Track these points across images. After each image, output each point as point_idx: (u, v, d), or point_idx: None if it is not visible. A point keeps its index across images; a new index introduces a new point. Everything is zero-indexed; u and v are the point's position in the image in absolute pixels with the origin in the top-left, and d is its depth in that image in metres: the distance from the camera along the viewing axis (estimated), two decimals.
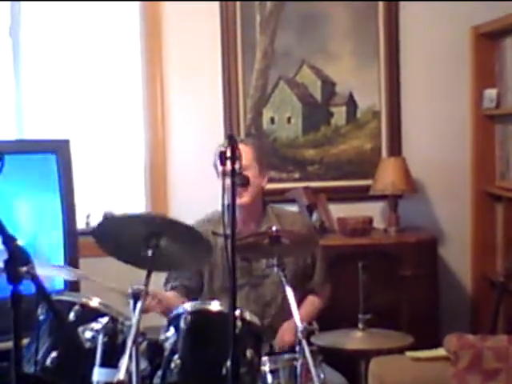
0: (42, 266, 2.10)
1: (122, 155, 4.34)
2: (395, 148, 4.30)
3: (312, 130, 4.31)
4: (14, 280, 1.75)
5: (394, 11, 4.24)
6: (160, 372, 2.56)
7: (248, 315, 2.57)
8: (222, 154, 2.26)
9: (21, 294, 1.75)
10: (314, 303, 3.23)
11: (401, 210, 4.18)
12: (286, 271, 2.68)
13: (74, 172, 3.57)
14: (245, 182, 2.85)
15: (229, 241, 2.22)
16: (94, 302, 2.58)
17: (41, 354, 2.46)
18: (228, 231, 2.23)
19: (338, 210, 4.21)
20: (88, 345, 2.44)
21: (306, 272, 3.21)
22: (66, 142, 3.57)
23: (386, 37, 4.26)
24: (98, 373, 2.39)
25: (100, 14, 4.25)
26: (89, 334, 2.46)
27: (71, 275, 2.94)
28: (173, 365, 2.48)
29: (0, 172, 1.86)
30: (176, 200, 4.24)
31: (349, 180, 4.32)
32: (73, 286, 3.29)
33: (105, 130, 4.31)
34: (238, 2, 4.20)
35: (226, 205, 2.38)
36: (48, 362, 2.45)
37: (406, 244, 3.97)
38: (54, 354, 2.46)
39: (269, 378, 2.56)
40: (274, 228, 2.73)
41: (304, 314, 3.12)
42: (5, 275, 1.75)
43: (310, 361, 2.43)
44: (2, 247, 1.78)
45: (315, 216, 4.05)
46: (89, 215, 4.20)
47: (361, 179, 4.29)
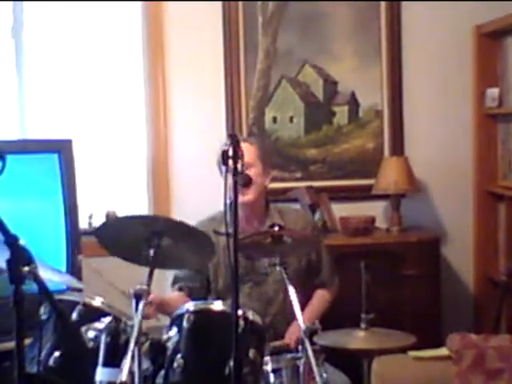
0: (44, 268, 2.09)
1: (124, 155, 4.34)
2: (397, 147, 4.30)
3: (314, 130, 4.31)
4: (16, 280, 1.75)
5: (396, 11, 4.24)
6: (163, 372, 2.56)
7: (251, 315, 2.57)
8: (224, 153, 2.26)
9: (23, 294, 1.75)
10: (324, 296, 3.24)
11: (403, 209, 4.18)
12: (288, 270, 2.68)
13: (77, 172, 3.57)
14: (247, 182, 2.86)
15: (231, 239, 2.21)
16: (97, 302, 2.58)
17: (44, 354, 2.46)
18: (230, 230, 2.23)
19: (341, 210, 4.20)
20: (91, 344, 2.44)
21: (312, 268, 3.20)
22: (69, 141, 3.57)
23: (388, 36, 4.26)
24: (101, 372, 2.39)
25: (102, 14, 4.25)
26: (92, 334, 2.46)
27: (70, 283, 2.92)
28: (175, 364, 2.48)
29: (2, 172, 1.86)
30: (178, 199, 4.24)
31: (351, 179, 4.32)
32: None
33: (107, 130, 4.31)
34: (240, 2, 4.19)
35: (228, 203, 2.38)
36: (51, 361, 2.45)
37: (408, 243, 3.97)
38: (57, 353, 2.46)
39: (271, 377, 2.56)
40: (276, 228, 2.72)
41: (315, 309, 3.13)
42: (7, 275, 1.75)
43: (313, 360, 2.43)
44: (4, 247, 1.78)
45: (317, 215, 4.05)
46: (91, 215, 4.20)
47: (363, 179, 4.29)
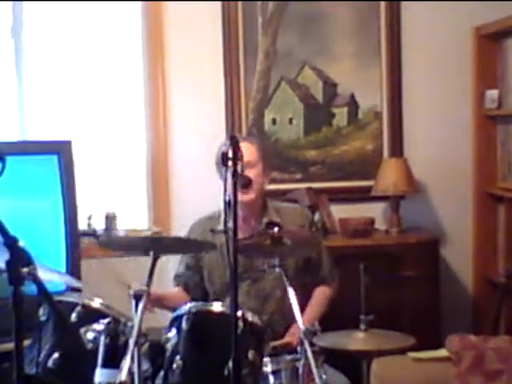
0: (44, 270, 2.10)
1: (123, 156, 4.34)
2: (397, 149, 4.30)
3: (314, 131, 4.31)
4: (15, 281, 1.75)
5: (396, 12, 4.24)
6: (162, 373, 2.56)
7: (250, 316, 2.57)
8: (224, 155, 2.25)
9: (22, 295, 1.75)
10: (324, 293, 3.23)
11: (402, 210, 4.18)
12: (287, 270, 2.68)
13: (76, 173, 3.57)
14: (247, 183, 2.85)
15: (228, 238, 2.21)
16: (96, 303, 2.59)
17: (43, 355, 2.46)
18: (227, 227, 2.23)
19: (340, 211, 4.20)
20: (90, 346, 2.45)
21: (312, 265, 3.19)
22: (68, 142, 3.57)
23: (387, 38, 4.26)
24: (100, 374, 2.39)
25: (102, 14, 4.25)
26: (91, 335, 2.46)
27: (70, 282, 2.93)
28: (175, 366, 2.48)
29: (2, 173, 1.86)
30: (178, 200, 4.23)
31: (350, 181, 4.32)
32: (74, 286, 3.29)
33: (107, 131, 4.31)
34: (239, 3, 4.19)
35: (227, 201, 2.36)
36: (50, 363, 2.46)
37: (407, 245, 3.97)
38: (56, 355, 2.46)
39: (271, 378, 2.56)
40: (275, 229, 2.72)
41: (316, 309, 3.12)
42: (6, 276, 1.75)
43: (312, 361, 2.43)
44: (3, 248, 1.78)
45: (317, 217, 4.05)
46: (90, 216, 4.19)
47: (362, 180, 4.29)
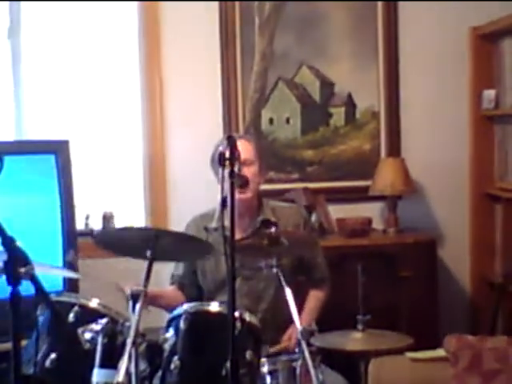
0: (41, 267, 2.09)
1: (121, 156, 4.34)
2: (394, 149, 4.31)
3: (311, 131, 4.32)
4: (13, 281, 1.74)
5: (393, 12, 4.24)
6: (159, 373, 2.56)
7: (247, 316, 2.57)
8: (222, 155, 2.25)
9: (20, 295, 1.75)
10: (318, 298, 3.22)
11: (400, 210, 4.18)
12: (284, 270, 2.68)
13: (74, 173, 3.57)
14: (244, 183, 2.85)
15: (223, 236, 2.21)
16: (94, 303, 2.58)
17: (40, 355, 2.46)
18: (219, 224, 2.24)
19: (337, 211, 4.21)
20: (87, 346, 2.44)
21: (305, 264, 3.17)
22: (66, 142, 3.57)
23: (384, 37, 4.26)
24: (98, 374, 2.39)
25: (98, 14, 4.25)
26: (88, 335, 2.46)
27: (70, 273, 2.94)
28: (172, 366, 2.48)
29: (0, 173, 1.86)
30: (175, 201, 4.23)
31: (348, 181, 4.32)
32: (72, 286, 3.29)
33: (104, 131, 4.31)
34: (236, 3, 4.19)
35: (221, 200, 2.35)
36: (47, 363, 2.45)
37: (405, 245, 3.97)
38: (54, 355, 2.46)
39: (268, 379, 2.56)
40: (272, 229, 2.72)
41: (312, 311, 3.12)
42: (4, 276, 1.75)
43: (310, 362, 2.43)
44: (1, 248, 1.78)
45: (314, 217, 4.05)
46: (88, 216, 4.20)
47: (360, 180, 4.29)
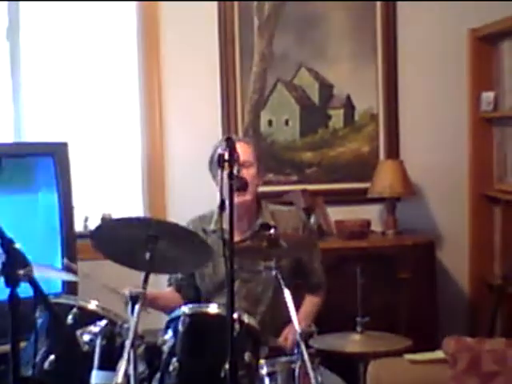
0: (40, 268, 2.09)
1: (119, 158, 4.34)
2: (393, 151, 4.31)
3: (310, 133, 4.32)
4: (11, 283, 1.74)
5: (392, 13, 4.25)
6: (158, 375, 2.56)
7: (246, 318, 2.57)
8: (220, 157, 2.25)
9: (18, 297, 1.75)
10: (312, 301, 3.22)
11: (398, 212, 4.19)
12: (282, 273, 2.68)
13: (72, 174, 3.57)
14: (243, 185, 2.84)
15: (221, 238, 2.21)
16: (92, 305, 2.58)
17: (39, 357, 2.46)
18: (218, 227, 2.23)
19: (336, 213, 4.21)
20: (86, 348, 2.44)
21: (302, 268, 3.16)
22: (64, 144, 3.57)
23: (383, 39, 4.27)
24: (96, 376, 2.39)
25: (97, 14, 4.24)
26: (87, 337, 2.46)
27: (69, 276, 2.94)
28: (171, 368, 2.48)
29: None
30: (174, 202, 4.23)
31: (346, 183, 4.32)
32: (70, 288, 3.29)
33: (102, 133, 4.30)
34: (235, 3, 4.19)
35: (219, 203, 2.34)
36: (46, 365, 2.45)
37: (403, 247, 3.97)
38: (52, 357, 2.45)
39: (267, 381, 2.55)
40: (272, 231, 2.72)
41: (308, 314, 3.12)
42: (2, 278, 1.75)
43: (308, 364, 2.42)
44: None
45: (313, 219, 4.05)
46: (87, 218, 4.19)
47: (358, 182, 4.29)
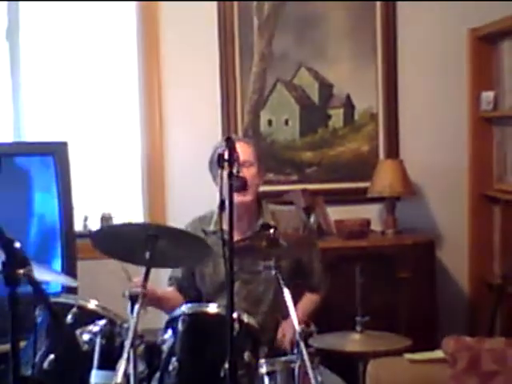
0: (40, 269, 2.09)
1: (119, 157, 4.34)
2: (393, 150, 4.31)
3: (309, 133, 4.32)
4: (11, 282, 1.74)
5: (392, 12, 4.25)
6: (158, 374, 2.56)
7: (246, 317, 2.57)
8: (220, 157, 2.25)
9: (18, 297, 1.75)
10: (311, 299, 3.22)
11: (398, 212, 4.19)
12: (282, 273, 2.68)
13: (72, 174, 3.57)
14: (243, 185, 2.84)
15: (222, 239, 2.21)
16: (92, 305, 2.58)
17: (38, 357, 2.46)
18: (218, 227, 2.23)
19: (336, 213, 4.21)
20: (86, 347, 2.44)
21: (302, 269, 3.17)
22: (64, 144, 3.57)
23: (383, 39, 4.27)
24: (96, 375, 2.39)
25: (96, 14, 4.25)
26: (86, 337, 2.46)
27: (68, 281, 2.93)
28: (171, 367, 2.48)
29: None
30: (174, 202, 4.23)
31: (346, 182, 4.32)
32: (70, 288, 3.28)
33: (102, 132, 4.31)
34: (235, 3, 4.19)
35: (220, 203, 2.34)
36: (46, 364, 2.45)
37: (403, 246, 3.97)
38: (52, 356, 2.45)
39: (266, 380, 2.55)
40: (271, 230, 2.72)
41: (304, 309, 3.12)
42: (2, 277, 1.75)
43: (308, 363, 2.42)
44: None
45: (313, 218, 4.05)
46: (87, 217, 4.20)
47: (358, 181, 4.29)
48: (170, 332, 2.56)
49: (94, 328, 2.47)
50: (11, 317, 1.74)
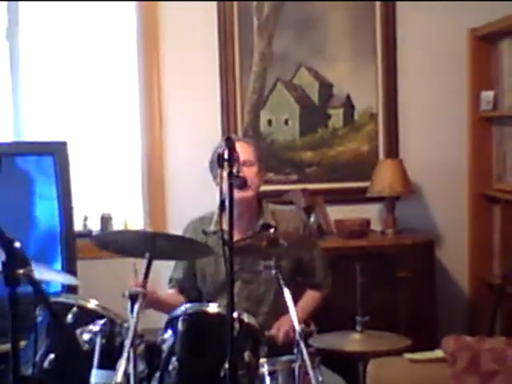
0: (40, 269, 2.09)
1: (119, 157, 4.34)
2: (392, 150, 4.31)
3: (309, 132, 4.32)
4: (11, 282, 1.74)
5: (391, 12, 4.25)
6: (158, 374, 2.56)
7: (246, 317, 2.57)
8: (220, 156, 2.24)
9: (18, 297, 1.75)
10: (313, 297, 3.22)
11: (398, 211, 4.19)
12: (282, 272, 2.68)
13: (72, 174, 3.57)
14: (242, 184, 2.85)
15: (221, 239, 2.21)
16: (92, 304, 2.58)
17: (39, 356, 2.46)
18: (218, 227, 2.23)
19: (336, 212, 4.21)
20: (86, 347, 2.44)
21: (303, 268, 3.18)
22: (64, 143, 3.57)
23: (383, 39, 4.27)
24: (96, 375, 2.39)
25: (96, 14, 4.25)
26: (87, 336, 2.46)
27: (69, 280, 2.94)
28: (171, 367, 2.48)
29: None
30: (174, 202, 4.23)
31: (346, 182, 4.32)
32: (70, 287, 3.29)
33: (102, 132, 4.31)
34: (235, 3, 4.19)
35: (219, 202, 2.34)
36: (46, 364, 2.45)
37: (403, 246, 3.97)
38: (52, 356, 2.46)
39: (267, 380, 2.56)
40: (271, 230, 2.73)
41: (304, 307, 3.12)
42: (2, 277, 1.75)
43: (308, 363, 2.42)
44: None
45: (313, 218, 4.05)
46: (86, 217, 4.20)
47: (358, 181, 4.29)
48: (170, 332, 2.56)
49: (94, 328, 2.47)
50: (11, 317, 1.74)
